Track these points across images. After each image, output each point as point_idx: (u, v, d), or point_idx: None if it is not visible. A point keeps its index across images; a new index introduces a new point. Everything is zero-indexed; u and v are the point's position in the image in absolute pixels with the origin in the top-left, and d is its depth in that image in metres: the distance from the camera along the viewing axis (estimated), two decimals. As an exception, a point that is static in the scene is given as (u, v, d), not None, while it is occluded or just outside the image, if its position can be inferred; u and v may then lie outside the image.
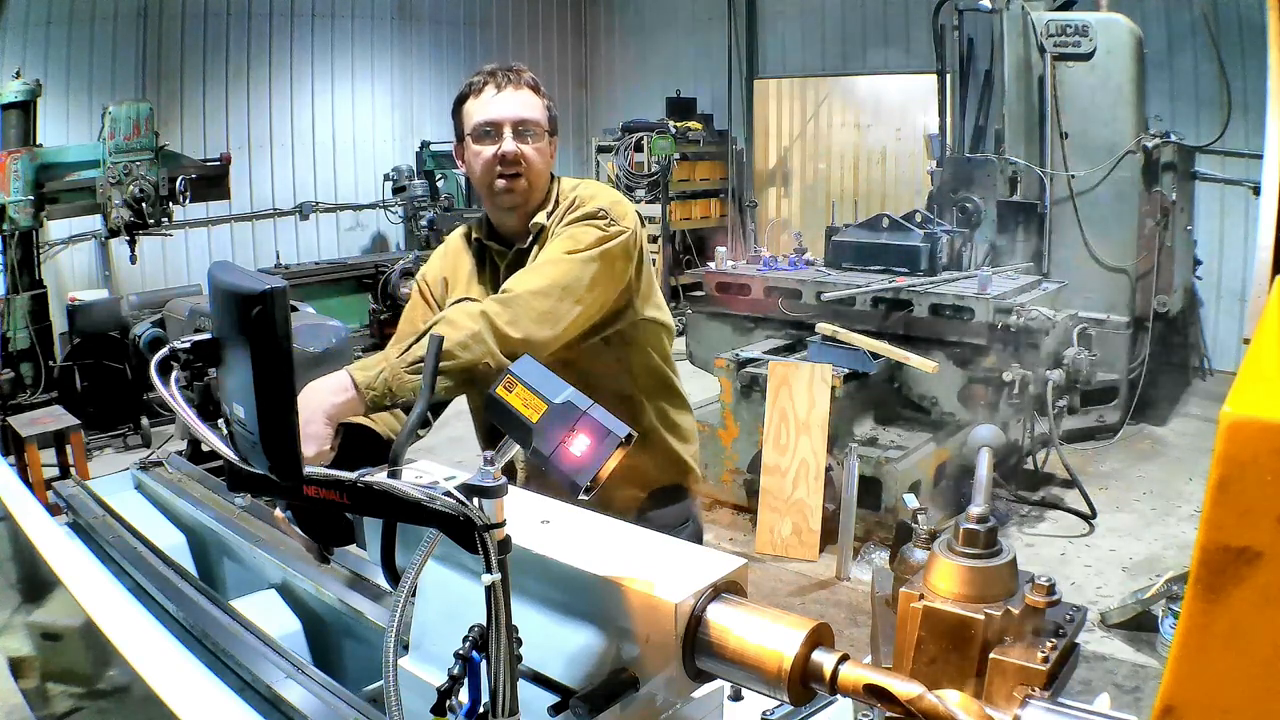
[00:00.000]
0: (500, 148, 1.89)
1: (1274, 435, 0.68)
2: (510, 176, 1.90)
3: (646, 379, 2.04)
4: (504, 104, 1.90)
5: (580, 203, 1.92)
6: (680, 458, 2.11)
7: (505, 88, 1.91)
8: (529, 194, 1.93)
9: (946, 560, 1.06)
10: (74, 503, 2.34)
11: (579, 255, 1.81)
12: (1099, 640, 3.84)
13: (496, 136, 1.90)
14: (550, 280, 1.77)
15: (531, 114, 1.92)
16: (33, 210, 5.98)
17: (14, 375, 6.04)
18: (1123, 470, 5.75)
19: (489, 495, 1.01)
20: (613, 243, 1.86)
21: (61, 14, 7.73)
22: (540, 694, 1.11)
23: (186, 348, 1.09)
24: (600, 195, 1.95)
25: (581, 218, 1.88)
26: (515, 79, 1.93)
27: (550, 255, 1.83)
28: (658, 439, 2.06)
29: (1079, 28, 6.12)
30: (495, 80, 1.92)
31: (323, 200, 9.72)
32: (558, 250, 1.83)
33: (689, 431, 2.15)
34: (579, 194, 1.96)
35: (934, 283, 5.26)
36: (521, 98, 1.92)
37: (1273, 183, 2.04)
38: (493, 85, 1.92)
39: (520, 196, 1.93)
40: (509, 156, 1.89)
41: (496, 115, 1.90)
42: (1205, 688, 0.74)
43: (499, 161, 1.89)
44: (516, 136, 1.90)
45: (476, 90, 1.93)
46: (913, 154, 10.08)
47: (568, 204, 1.94)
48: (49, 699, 1.86)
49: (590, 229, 1.85)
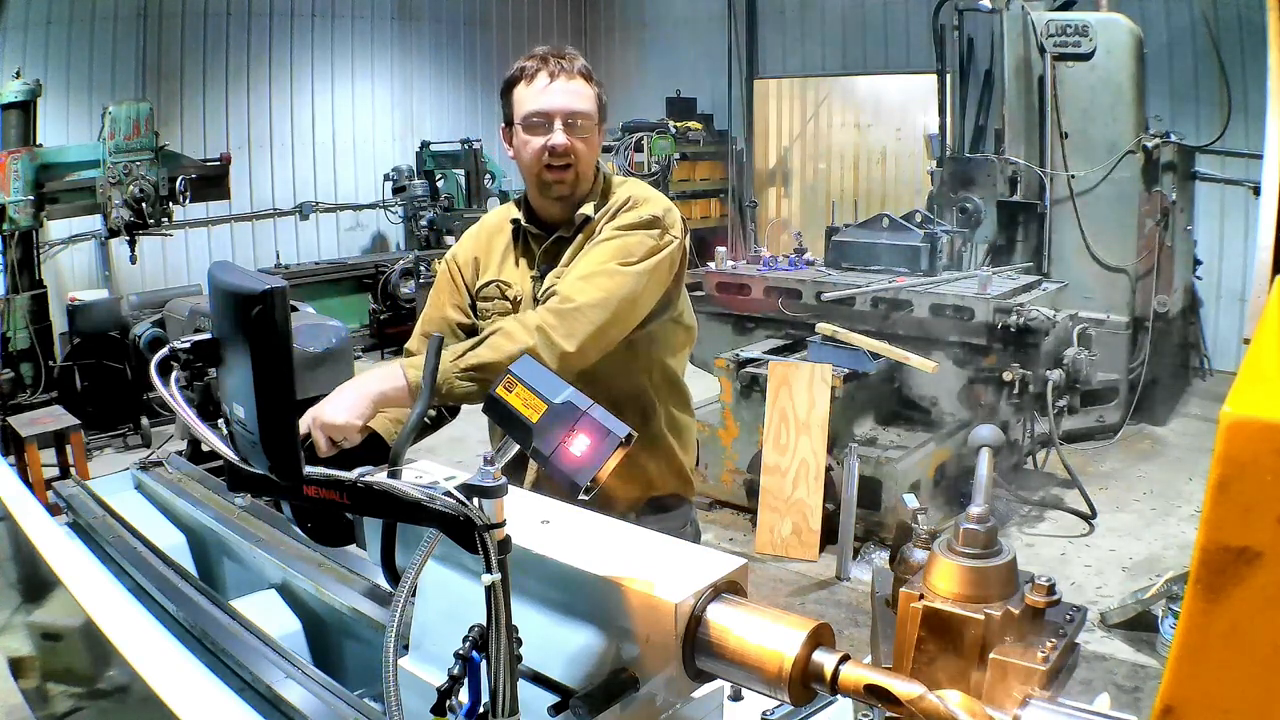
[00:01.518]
0: (550, 139, 1.87)
1: (1274, 435, 0.68)
2: (559, 168, 1.89)
3: (662, 381, 2.03)
4: (556, 95, 1.87)
5: (634, 204, 1.91)
6: (682, 465, 2.09)
7: (558, 77, 1.88)
8: (576, 185, 1.93)
9: (946, 560, 1.06)
10: (74, 503, 2.33)
11: (634, 268, 1.81)
12: (1099, 640, 3.84)
13: (547, 128, 1.88)
14: (606, 293, 1.77)
15: (583, 105, 1.90)
16: (33, 210, 5.98)
17: (14, 375, 6.04)
18: (1123, 470, 5.75)
19: (489, 495, 1.01)
20: (663, 253, 1.86)
21: (61, 14, 7.73)
22: (540, 694, 1.11)
23: (186, 348, 1.09)
24: (653, 201, 1.93)
25: (635, 224, 1.87)
26: (568, 67, 1.89)
27: (604, 263, 1.81)
28: (665, 446, 2.04)
29: (1079, 28, 6.12)
30: (548, 67, 1.88)
31: (323, 200, 9.72)
32: (611, 257, 1.81)
33: (691, 437, 2.14)
34: (632, 194, 1.94)
35: (934, 283, 5.26)
36: (574, 88, 1.89)
37: (1273, 183, 2.04)
38: (545, 73, 1.88)
39: (568, 188, 1.92)
40: (559, 149, 1.87)
41: (548, 106, 1.87)
42: (1205, 688, 0.74)
43: (548, 153, 1.88)
44: (567, 129, 1.88)
45: (529, 76, 1.90)
46: (913, 154, 10.08)
47: (620, 203, 1.92)
48: (49, 699, 1.86)
49: (644, 239, 1.85)
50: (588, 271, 1.81)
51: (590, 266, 1.82)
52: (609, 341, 1.79)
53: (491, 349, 1.66)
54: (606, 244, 1.85)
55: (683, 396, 2.10)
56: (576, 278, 1.80)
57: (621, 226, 1.87)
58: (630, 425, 1.08)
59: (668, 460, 2.05)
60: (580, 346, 1.72)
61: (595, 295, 1.76)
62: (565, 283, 1.80)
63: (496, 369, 1.56)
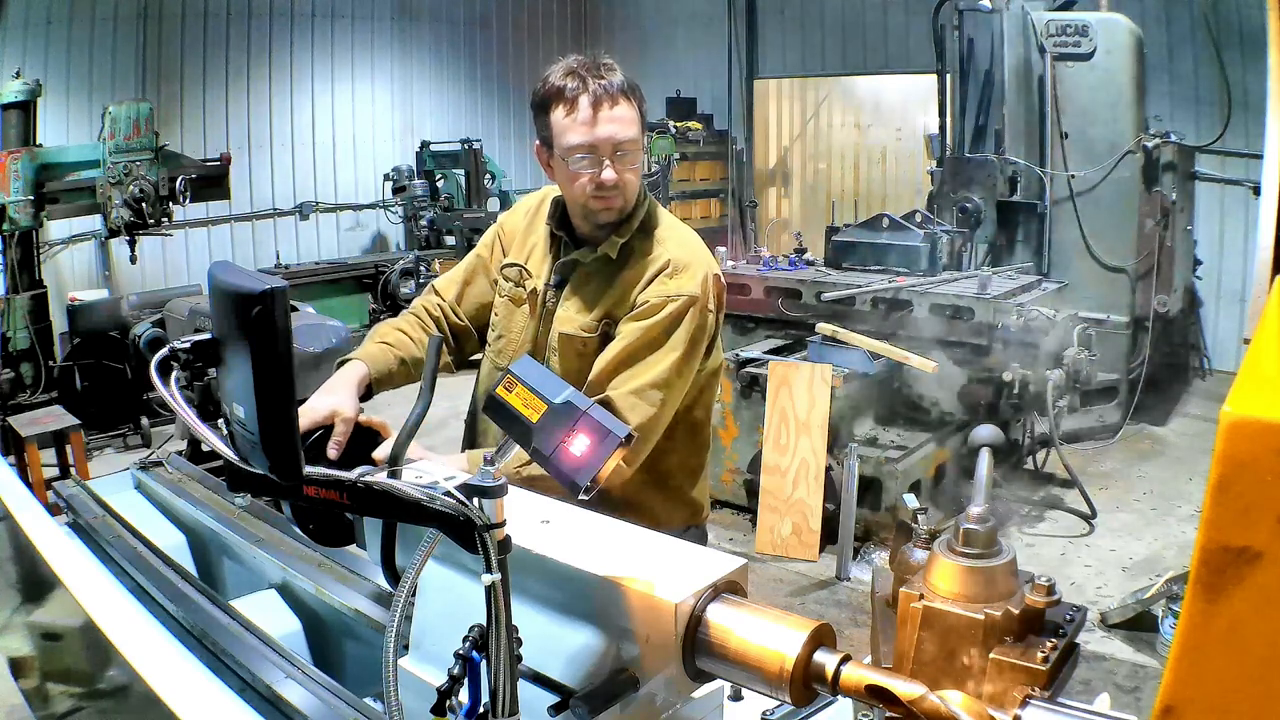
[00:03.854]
0: (601, 175, 1.78)
1: (1274, 435, 0.68)
2: (607, 198, 1.82)
3: (682, 427, 1.95)
4: (603, 126, 1.75)
5: (675, 271, 1.83)
6: (693, 500, 2.05)
7: (602, 105, 1.75)
8: (624, 208, 1.86)
9: (946, 560, 1.06)
10: (74, 503, 2.33)
11: (678, 356, 1.80)
12: (1099, 640, 3.84)
13: (596, 162, 1.78)
14: (654, 378, 1.78)
15: (630, 133, 1.78)
16: (33, 210, 5.97)
17: (14, 375, 6.04)
18: (1123, 470, 5.75)
19: (489, 495, 1.01)
20: (703, 331, 1.85)
21: (61, 14, 7.73)
22: (540, 694, 1.11)
23: (186, 348, 1.09)
24: (694, 267, 1.85)
25: (676, 307, 1.80)
26: (611, 89, 1.76)
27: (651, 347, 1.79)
28: (674, 485, 2.00)
29: (1079, 28, 6.12)
30: (589, 91, 1.75)
31: (323, 200, 9.72)
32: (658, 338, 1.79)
33: (703, 474, 2.09)
34: (672, 259, 1.85)
35: (934, 283, 5.27)
36: (620, 114, 1.77)
37: (1273, 183, 2.04)
38: (588, 99, 1.75)
39: (615, 214, 1.85)
40: (608, 184, 1.79)
41: (595, 140, 1.76)
42: (1205, 688, 0.74)
43: (597, 185, 1.80)
44: (615, 160, 1.78)
45: (570, 102, 1.76)
46: (913, 154, 10.08)
47: (659, 267, 1.84)
48: (49, 699, 1.86)
49: (687, 324, 1.81)
50: (640, 385, 1.78)
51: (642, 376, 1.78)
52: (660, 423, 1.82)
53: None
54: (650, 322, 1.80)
55: (700, 441, 2.04)
56: (629, 392, 1.77)
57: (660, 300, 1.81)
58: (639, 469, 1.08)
59: (678, 496, 2.01)
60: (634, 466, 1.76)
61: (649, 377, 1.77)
62: (620, 395, 1.76)
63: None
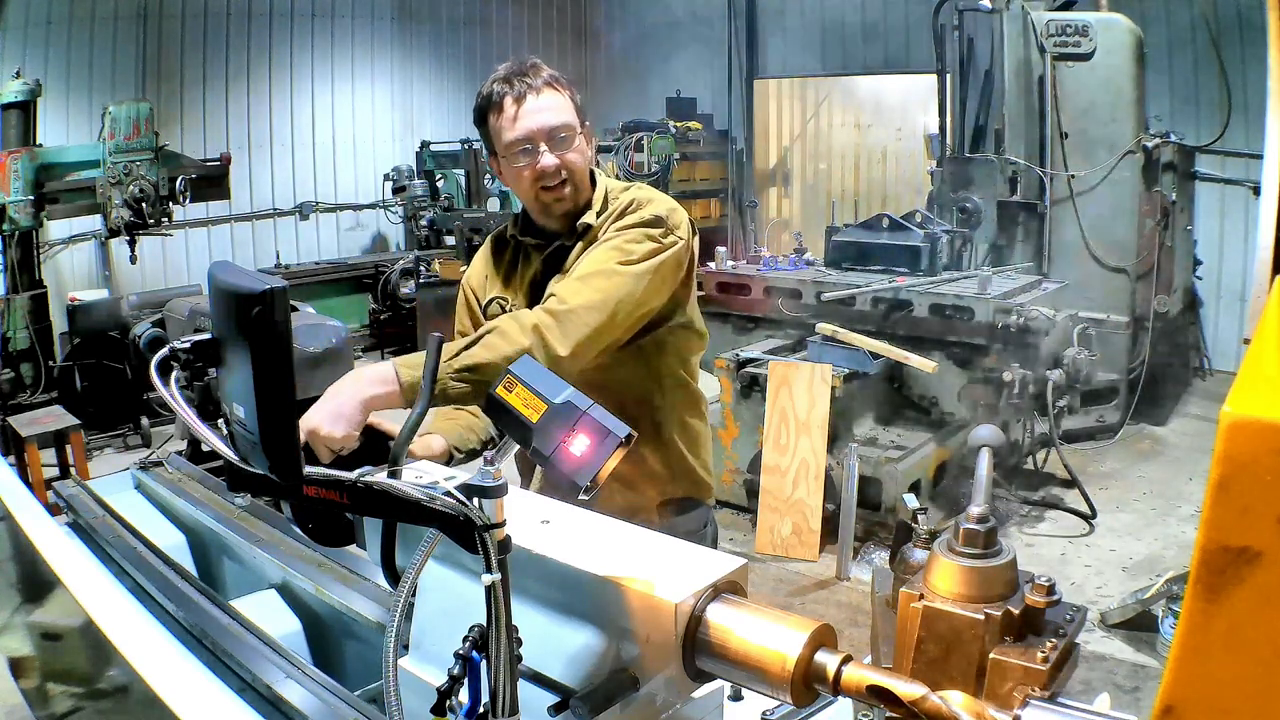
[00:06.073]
0: (539, 163, 1.82)
1: (1274, 435, 0.68)
2: (555, 186, 1.85)
3: (673, 387, 1.98)
4: (530, 117, 1.80)
5: (636, 206, 1.86)
6: (693, 467, 2.06)
7: (526, 97, 1.80)
8: (576, 196, 1.89)
9: (946, 560, 1.06)
10: (74, 503, 2.33)
11: (633, 268, 1.76)
12: (1099, 640, 3.84)
13: (532, 152, 1.82)
14: (604, 295, 1.71)
15: (561, 118, 1.83)
16: (33, 210, 5.98)
17: (14, 375, 6.05)
18: (1123, 470, 5.75)
19: (489, 495, 1.01)
20: (667, 254, 1.81)
21: (61, 14, 7.73)
22: (540, 694, 1.11)
23: (186, 348, 1.09)
24: (656, 201, 1.88)
25: (636, 224, 1.82)
26: (534, 83, 1.81)
27: (602, 264, 1.76)
28: (675, 450, 2.00)
29: (1079, 28, 6.12)
30: (513, 90, 1.81)
31: (323, 200, 9.72)
32: (609, 260, 1.76)
33: (704, 440, 2.09)
34: (635, 197, 1.89)
35: (934, 283, 5.26)
36: (545, 102, 1.81)
37: (1273, 183, 2.04)
38: (511, 98, 1.81)
39: (569, 202, 1.88)
40: (549, 170, 1.82)
41: (526, 131, 1.81)
42: (1205, 688, 0.74)
43: (540, 176, 1.83)
44: (552, 146, 1.82)
45: (496, 105, 1.83)
46: (913, 154, 10.07)
47: (623, 206, 1.87)
48: (49, 699, 1.86)
49: (645, 239, 1.79)
50: (585, 273, 1.76)
51: (588, 268, 1.77)
52: (607, 344, 1.75)
53: (486, 349, 1.61)
54: (606, 245, 1.80)
55: (694, 401, 2.05)
56: (574, 279, 1.76)
57: (623, 228, 1.83)
58: (639, 431, 1.07)
59: (678, 463, 2.01)
60: (574, 350, 1.66)
61: (592, 297, 1.70)
62: (563, 285, 1.76)
63: (492, 370, 1.53)
